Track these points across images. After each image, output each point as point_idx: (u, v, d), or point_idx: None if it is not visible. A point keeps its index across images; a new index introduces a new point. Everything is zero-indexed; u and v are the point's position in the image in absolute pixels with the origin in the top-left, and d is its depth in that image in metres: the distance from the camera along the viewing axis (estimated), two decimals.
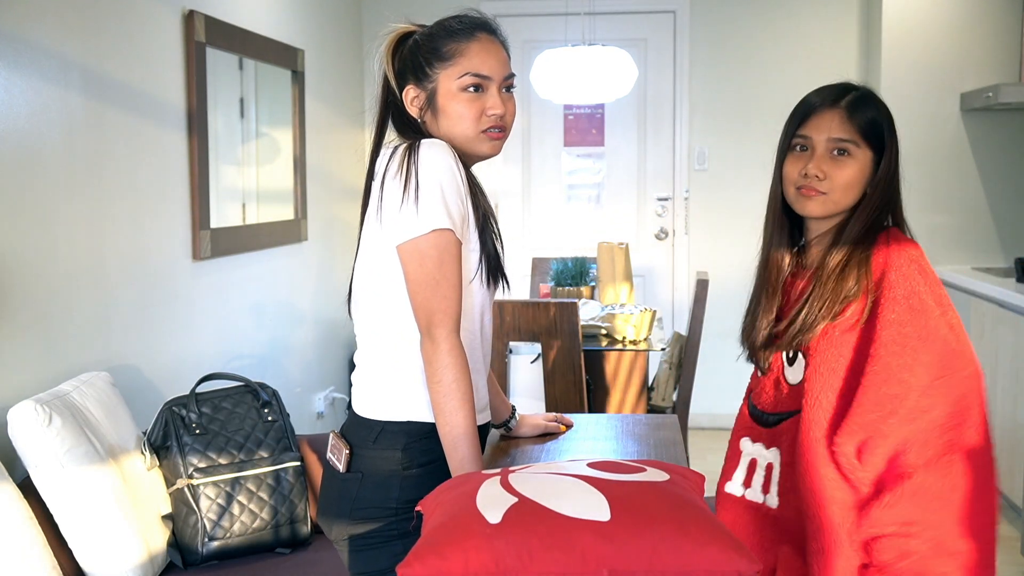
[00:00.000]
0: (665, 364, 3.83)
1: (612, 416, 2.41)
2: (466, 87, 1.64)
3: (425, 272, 1.59)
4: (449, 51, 1.64)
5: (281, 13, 4.20)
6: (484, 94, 1.66)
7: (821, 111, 1.63)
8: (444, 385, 1.59)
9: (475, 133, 1.66)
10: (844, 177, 1.60)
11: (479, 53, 1.65)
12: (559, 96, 4.34)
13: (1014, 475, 3.81)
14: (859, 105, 1.62)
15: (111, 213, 2.84)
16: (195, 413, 2.58)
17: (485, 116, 1.65)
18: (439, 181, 1.58)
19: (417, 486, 1.64)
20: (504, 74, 1.69)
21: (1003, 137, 4.89)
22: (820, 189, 1.61)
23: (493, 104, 1.66)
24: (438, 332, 1.59)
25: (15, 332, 2.40)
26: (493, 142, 1.68)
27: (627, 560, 1.27)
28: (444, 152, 1.60)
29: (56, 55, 2.58)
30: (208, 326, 3.47)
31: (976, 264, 4.87)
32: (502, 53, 1.70)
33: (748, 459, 1.71)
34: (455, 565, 1.27)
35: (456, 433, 1.60)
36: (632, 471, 1.45)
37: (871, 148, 1.63)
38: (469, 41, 1.65)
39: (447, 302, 1.59)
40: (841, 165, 1.60)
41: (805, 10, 5.21)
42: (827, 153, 1.61)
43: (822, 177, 1.60)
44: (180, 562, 2.47)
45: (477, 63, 1.65)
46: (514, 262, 5.56)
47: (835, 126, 1.61)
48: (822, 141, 1.61)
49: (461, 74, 1.64)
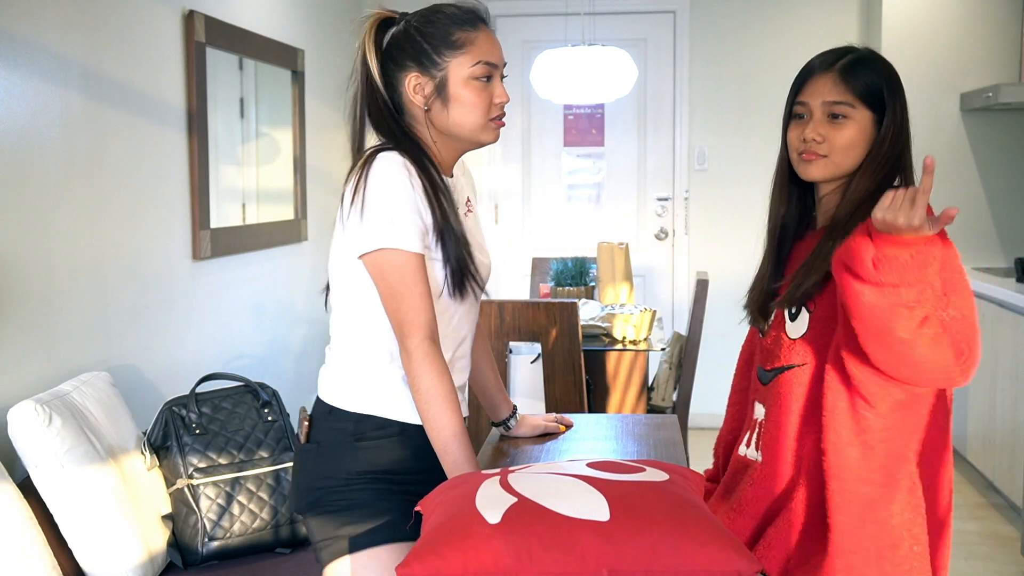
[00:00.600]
0: (665, 364, 3.83)
1: (612, 416, 2.41)
2: (479, 76, 1.64)
3: (388, 286, 1.61)
4: (459, 39, 1.63)
5: (281, 13, 4.20)
6: (491, 83, 1.67)
7: (816, 76, 1.64)
8: (422, 392, 1.61)
9: (485, 122, 1.66)
10: (842, 139, 1.61)
11: (486, 42, 1.65)
12: (559, 96, 4.34)
13: (1014, 475, 3.82)
14: (853, 67, 1.63)
15: (110, 213, 2.84)
16: (195, 413, 2.58)
17: (493, 105, 1.66)
18: (388, 199, 1.58)
19: (367, 458, 1.68)
20: (504, 63, 1.70)
21: (1003, 137, 4.89)
22: (820, 152, 1.62)
23: (500, 93, 1.67)
24: (409, 342, 1.61)
25: (15, 332, 2.40)
26: (497, 130, 1.69)
27: (626, 560, 1.27)
28: (395, 168, 1.59)
29: (56, 55, 2.58)
30: (208, 326, 3.47)
31: (976, 264, 4.87)
32: (500, 45, 1.71)
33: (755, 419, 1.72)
34: (454, 565, 1.27)
35: (443, 437, 1.62)
36: (632, 471, 1.45)
37: (870, 109, 1.63)
38: (476, 30, 1.65)
39: (414, 313, 1.60)
40: (839, 127, 1.61)
41: (805, 10, 5.21)
42: (824, 117, 1.62)
43: (820, 141, 1.62)
44: (180, 562, 2.47)
45: (486, 51, 1.65)
46: (514, 262, 5.56)
47: (829, 89, 1.62)
48: (818, 106, 1.63)
49: (474, 63, 1.63)
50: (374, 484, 1.69)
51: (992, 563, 3.56)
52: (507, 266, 5.57)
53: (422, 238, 1.61)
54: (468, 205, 1.81)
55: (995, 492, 4.22)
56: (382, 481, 1.69)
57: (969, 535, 3.82)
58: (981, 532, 3.85)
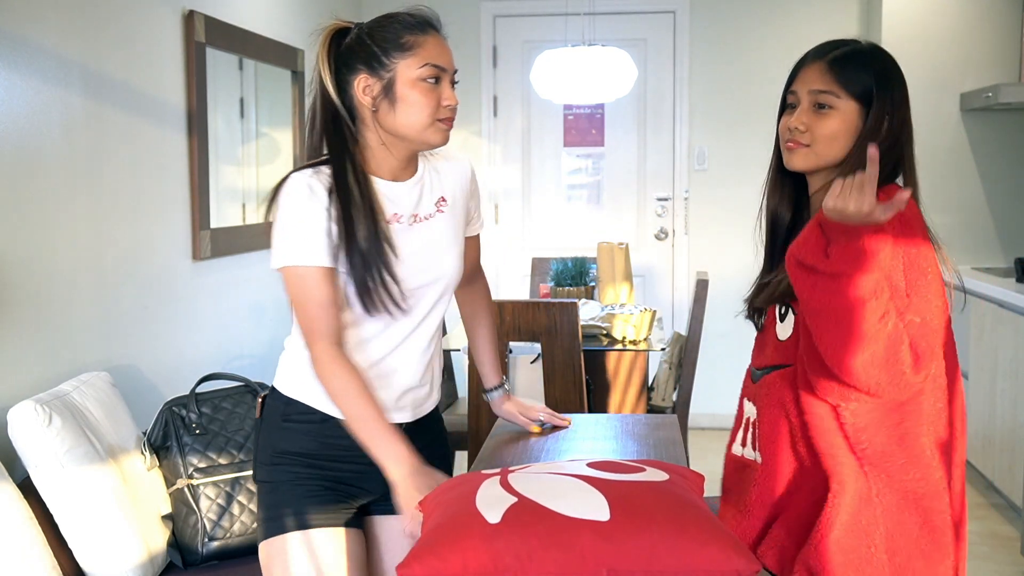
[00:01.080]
0: (665, 364, 3.83)
1: (612, 416, 2.41)
2: (426, 77, 1.70)
3: (293, 299, 1.74)
4: (407, 42, 1.70)
5: (281, 13, 4.21)
6: (439, 86, 1.72)
7: (807, 65, 1.63)
8: (335, 393, 1.71)
9: (431, 122, 1.71)
10: (826, 129, 1.58)
11: (435, 46, 1.72)
12: (559, 96, 4.33)
13: (1014, 475, 3.82)
14: (843, 58, 1.60)
15: (111, 213, 2.84)
16: (195, 413, 2.58)
17: (441, 107, 1.72)
18: (284, 222, 1.70)
19: (291, 439, 1.79)
20: (454, 69, 1.76)
21: (1003, 137, 4.89)
22: (803, 142, 1.60)
23: (448, 96, 1.72)
24: (313, 349, 1.71)
25: (15, 332, 2.40)
26: (444, 132, 1.74)
27: (626, 560, 1.27)
28: (298, 189, 1.69)
29: (56, 55, 2.58)
30: (208, 326, 3.47)
31: (976, 264, 4.87)
32: (450, 51, 1.77)
33: (745, 418, 1.71)
34: (454, 565, 1.27)
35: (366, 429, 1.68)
36: (631, 471, 1.46)
37: (856, 100, 1.59)
38: (425, 35, 1.71)
39: (315, 322, 1.70)
40: (823, 117, 1.59)
41: (805, 10, 5.21)
42: (810, 107, 1.60)
43: (803, 130, 1.60)
44: (180, 562, 2.47)
45: (435, 54, 1.71)
46: (514, 262, 5.56)
47: (815, 79, 1.60)
48: (805, 95, 1.61)
49: (421, 64, 1.69)
50: (293, 466, 1.79)
51: (992, 563, 3.56)
52: (507, 266, 5.57)
53: (324, 252, 1.69)
54: (439, 205, 1.84)
55: (995, 492, 4.22)
56: (300, 464, 1.78)
57: (969, 535, 3.81)
58: (981, 532, 3.85)
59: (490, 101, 5.48)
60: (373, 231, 1.70)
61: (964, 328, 4.39)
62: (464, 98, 5.49)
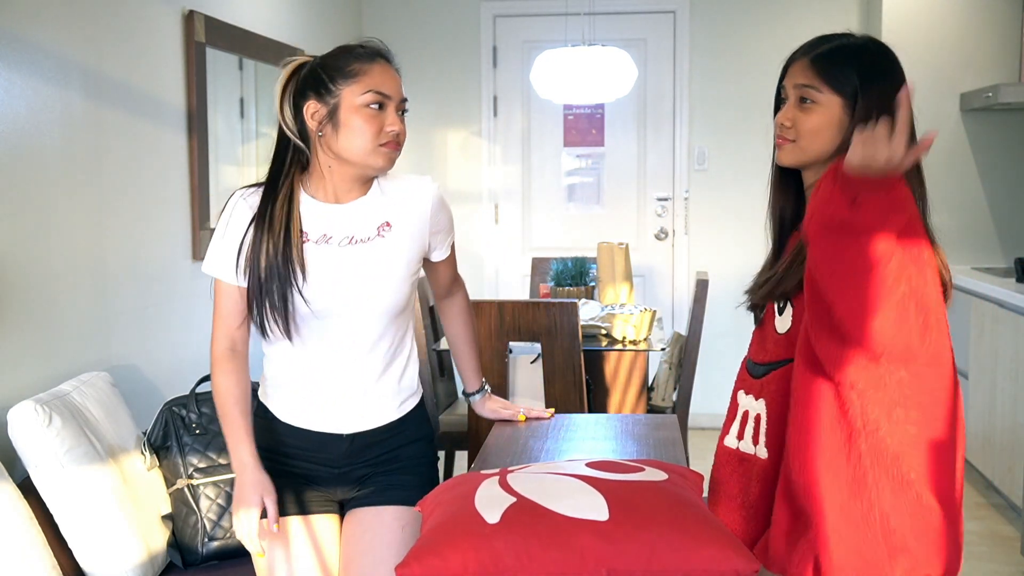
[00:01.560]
0: (665, 364, 3.83)
1: (612, 416, 2.41)
2: (368, 103, 1.78)
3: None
4: (353, 70, 1.79)
5: (281, 13, 4.21)
6: (383, 112, 1.80)
7: (793, 62, 1.64)
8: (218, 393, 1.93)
9: (373, 147, 1.80)
10: (809, 123, 1.59)
11: (381, 74, 1.81)
12: (559, 96, 4.34)
13: (1014, 475, 3.82)
14: (827, 52, 1.60)
15: (110, 213, 2.84)
16: (195, 413, 2.58)
17: (384, 132, 1.80)
18: (217, 232, 1.91)
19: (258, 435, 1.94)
20: (400, 98, 1.84)
21: (1003, 137, 4.89)
22: (788, 137, 1.61)
23: (391, 122, 1.81)
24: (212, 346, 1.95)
25: (15, 332, 2.40)
26: (388, 155, 1.83)
27: (626, 559, 1.27)
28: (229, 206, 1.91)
29: (56, 55, 2.58)
30: (208, 326, 3.47)
31: (976, 264, 4.87)
32: (399, 80, 1.86)
33: (742, 411, 1.70)
34: (454, 565, 1.27)
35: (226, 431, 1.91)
36: (630, 471, 1.46)
37: (839, 94, 1.58)
38: (371, 63, 1.81)
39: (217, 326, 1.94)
40: (807, 112, 1.59)
41: (805, 10, 5.21)
42: (796, 102, 1.61)
43: (789, 125, 1.61)
44: (180, 562, 2.47)
45: (379, 82, 1.80)
46: (514, 262, 5.56)
47: (800, 73, 1.61)
48: (791, 90, 1.62)
49: (364, 91, 1.79)
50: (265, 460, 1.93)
51: (992, 563, 3.56)
52: (507, 266, 5.58)
53: (232, 269, 1.87)
54: (381, 231, 1.90)
55: (995, 492, 4.22)
56: (267, 459, 1.94)
57: (969, 535, 3.82)
58: (981, 532, 3.85)
59: (490, 101, 5.49)
60: (282, 251, 1.82)
61: (964, 328, 4.39)
62: (464, 98, 5.51)
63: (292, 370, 1.94)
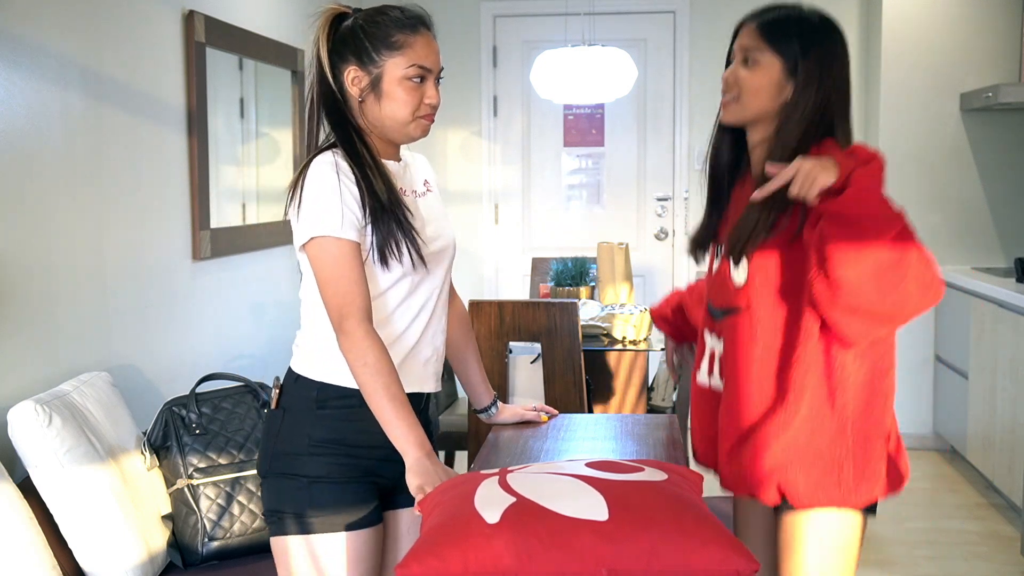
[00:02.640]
0: (665, 364, 3.83)
1: (612, 416, 2.41)
2: (411, 77, 1.76)
3: (322, 274, 1.72)
4: (398, 41, 1.75)
5: (281, 13, 4.21)
6: (424, 84, 1.78)
7: (741, 28, 1.77)
8: (361, 371, 1.68)
9: (412, 118, 1.79)
10: (750, 82, 1.70)
11: (424, 46, 1.77)
12: (559, 96, 4.34)
13: (1014, 475, 3.82)
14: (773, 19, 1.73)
15: (110, 213, 2.84)
16: (195, 413, 2.58)
17: (424, 104, 1.78)
18: (316, 195, 1.71)
19: (329, 426, 1.77)
20: (439, 67, 1.81)
21: (1003, 137, 4.89)
22: (732, 95, 1.74)
23: (431, 95, 1.79)
24: (347, 324, 1.69)
25: (15, 332, 2.40)
26: (425, 127, 1.81)
27: (626, 560, 1.27)
28: (326, 169, 1.72)
29: (56, 55, 2.58)
30: (208, 326, 3.48)
31: (976, 264, 4.87)
32: (438, 49, 1.82)
33: (709, 350, 1.84)
34: (454, 565, 1.27)
35: (390, 412, 1.68)
36: (630, 471, 1.46)
37: (779, 56, 1.70)
38: (415, 34, 1.76)
39: (347, 297, 1.70)
40: (750, 71, 1.71)
41: None
42: (740, 62, 1.74)
43: (732, 83, 1.73)
44: (180, 562, 2.47)
45: (423, 55, 1.76)
46: (514, 262, 5.56)
47: (745, 36, 1.74)
48: (737, 52, 1.75)
49: (409, 64, 1.75)
50: (334, 456, 1.77)
51: (992, 563, 3.56)
52: (507, 266, 5.58)
53: (354, 228, 1.71)
54: (427, 186, 1.93)
55: (995, 492, 4.22)
56: (341, 454, 1.77)
57: (969, 535, 3.83)
58: (981, 532, 3.85)
59: (490, 101, 5.49)
60: (395, 198, 1.76)
61: (964, 328, 4.39)
62: (464, 98, 5.51)
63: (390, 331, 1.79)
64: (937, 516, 4.04)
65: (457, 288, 2.14)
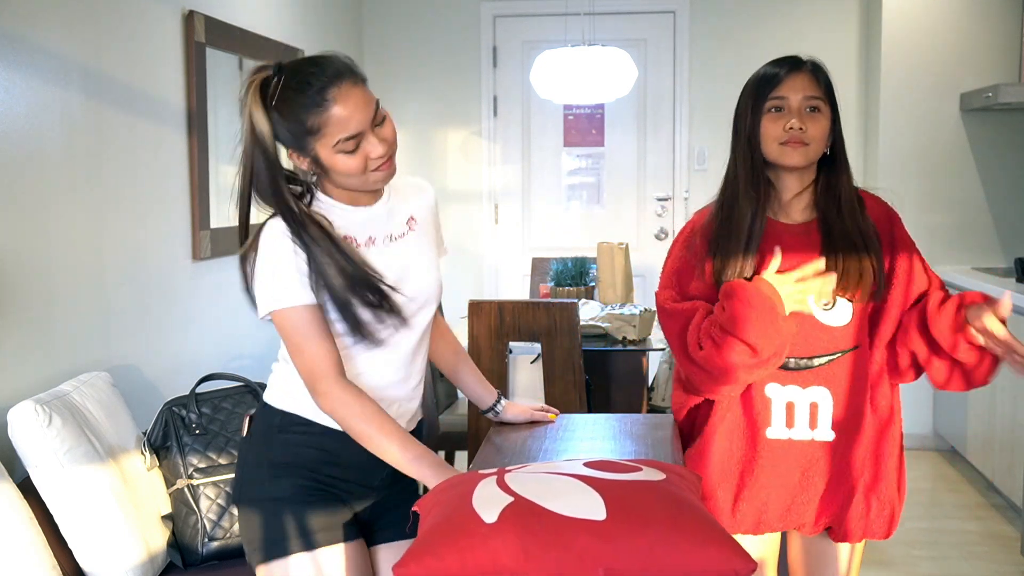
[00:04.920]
0: (665, 364, 3.83)
1: (611, 416, 2.41)
2: (343, 151, 1.69)
3: (289, 343, 1.74)
4: (313, 125, 1.67)
5: (281, 13, 4.21)
6: (360, 147, 1.70)
7: (792, 75, 1.84)
8: (354, 429, 1.69)
9: (363, 178, 1.73)
10: (819, 129, 1.82)
11: (341, 115, 1.67)
12: (559, 96, 4.34)
13: (1014, 475, 3.82)
14: (819, 69, 1.87)
15: (110, 213, 2.85)
16: (195, 413, 2.59)
17: (370, 161, 1.71)
18: (269, 270, 1.70)
19: (290, 451, 1.78)
20: (370, 117, 1.70)
21: (1003, 137, 4.89)
22: (804, 140, 1.81)
23: (372, 148, 1.70)
24: (320, 386, 1.70)
25: (15, 332, 2.41)
26: (383, 175, 1.75)
27: (623, 559, 1.27)
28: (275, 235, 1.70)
29: (56, 55, 2.59)
30: (208, 326, 3.48)
31: (976, 264, 4.86)
32: (360, 95, 1.69)
33: (784, 403, 1.86)
34: (451, 565, 1.28)
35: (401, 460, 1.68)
36: (628, 470, 1.46)
37: (830, 106, 1.85)
38: (327, 108, 1.66)
39: (315, 360, 1.70)
40: (815, 119, 1.82)
41: (805, 10, 5.21)
42: (802, 110, 1.82)
43: (804, 130, 1.81)
44: (180, 562, 2.47)
45: (343, 124, 1.67)
46: (514, 262, 5.56)
47: (807, 85, 1.83)
48: (798, 99, 1.82)
49: (335, 142, 1.68)
50: (296, 478, 1.77)
51: (992, 563, 3.56)
52: (507, 266, 5.58)
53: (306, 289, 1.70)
54: (410, 224, 1.87)
55: (995, 492, 4.22)
56: (303, 476, 1.78)
57: (969, 535, 3.83)
58: (981, 532, 3.85)
59: (490, 101, 5.49)
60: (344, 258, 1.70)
61: None
62: (464, 98, 5.51)
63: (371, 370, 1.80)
64: (937, 516, 4.04)
65: (457, 288, 2.15)
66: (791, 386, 1.85)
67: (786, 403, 1.86)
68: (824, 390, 1.84)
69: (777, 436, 1.87)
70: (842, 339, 1.82)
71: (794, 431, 1.86)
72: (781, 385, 1.85)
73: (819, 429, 1.85)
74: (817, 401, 1.85)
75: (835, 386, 1.84)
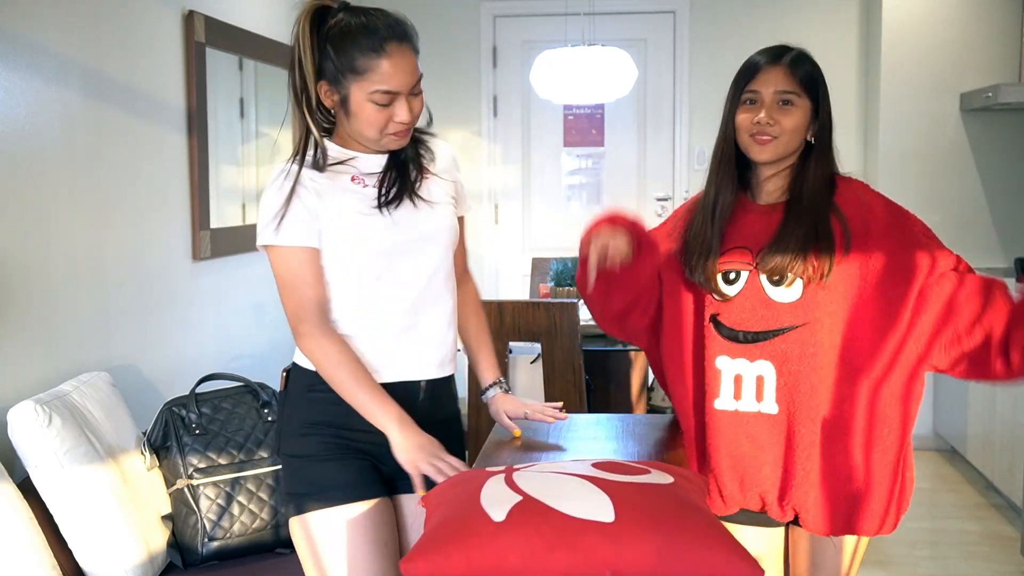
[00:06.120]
0: None
1: (612, 416, 2.41)
2: (376, 101, 1.75)
3: (278, 280, 1.81)
4: (361, 66, 1.74)
5: (281, 13, 4.20)
6: (391, 105, 1.77)
7: (766, 68, 1.87)
8: (327, 372, 1.77)
9: (379, 136, 1.79)
10: (791, 123, 1.83)
11: (389, 69, 1.74)
12: (559, 96, 4.33)
13: (1014, 475, 3.82)
14: (798, 61, 1.87)
15: (110, 213, 2.84)
16: (195, 413, 2.58)
17: (392, 123, 1.78)
18: (269, 206, 1.78)
19: (319, 409, 1.82)
20: (411, 83, 1.78)
21: (1003, 137, 4.89)
22: (772, 134, 1.84)
23: (400, 113, 1.77)
24: (302, 327, 1.77)
25: (15, 332, 2.40)
26: (397, 142, 1.82)
27: (631, 562, 1.27)
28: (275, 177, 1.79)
29: (56, 55, 2.58)
30: (208, 326, 3.47)
31: (976, 264, 4.85)
32: (411, 61, 1.78)
33: (732, 375, 1.87)
34: (458, 562, 1.27)
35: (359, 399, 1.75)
36: (636, 472, 1.46)
37: (809, 99, 1.85)
38: (380, 57, 1.74)
39: (301, 301, 1.78)
40: (787, 113, 1.83)
41: (805, 10, 5.21)
42: (774, 104, 1.84)
43: (772, 124, 1.83)
44: (180, 562, 2.47)
45: (386, 79, 1.74)
46: (514, 262, 5.56)
47: (781, 80, 1.84)
48: (769, 94, 1.85)
49: (372, 90, 1.74)
50: (325, 436, 1.82)
51: (992, 563, 3.56)
52: (507, 266, 5.57)
53: (304, 232, 1.76)
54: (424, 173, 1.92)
55: (995, 492, 4.22)
56: (330, 435, 1.82)
57: (969, 535, 3.82)
58: (981, 532, 3.85)
59: (490, 101, 5.48)
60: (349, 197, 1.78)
61: None
62: (464, 98, 5.51)
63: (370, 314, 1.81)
64: (937, 516, 4.04)
65: None
66: (740, 359, 1.88)
67: (734, 375, 1.88)
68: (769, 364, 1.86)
69: (724, 407, 1.88)
70: (789, 315, 1.83)
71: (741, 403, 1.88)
72: (731, 358, 1.89)
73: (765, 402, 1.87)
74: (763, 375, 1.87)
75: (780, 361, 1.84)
